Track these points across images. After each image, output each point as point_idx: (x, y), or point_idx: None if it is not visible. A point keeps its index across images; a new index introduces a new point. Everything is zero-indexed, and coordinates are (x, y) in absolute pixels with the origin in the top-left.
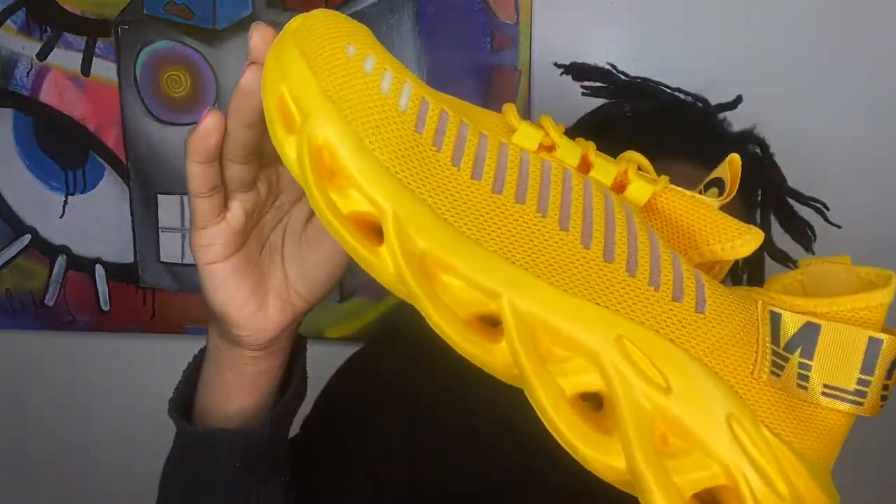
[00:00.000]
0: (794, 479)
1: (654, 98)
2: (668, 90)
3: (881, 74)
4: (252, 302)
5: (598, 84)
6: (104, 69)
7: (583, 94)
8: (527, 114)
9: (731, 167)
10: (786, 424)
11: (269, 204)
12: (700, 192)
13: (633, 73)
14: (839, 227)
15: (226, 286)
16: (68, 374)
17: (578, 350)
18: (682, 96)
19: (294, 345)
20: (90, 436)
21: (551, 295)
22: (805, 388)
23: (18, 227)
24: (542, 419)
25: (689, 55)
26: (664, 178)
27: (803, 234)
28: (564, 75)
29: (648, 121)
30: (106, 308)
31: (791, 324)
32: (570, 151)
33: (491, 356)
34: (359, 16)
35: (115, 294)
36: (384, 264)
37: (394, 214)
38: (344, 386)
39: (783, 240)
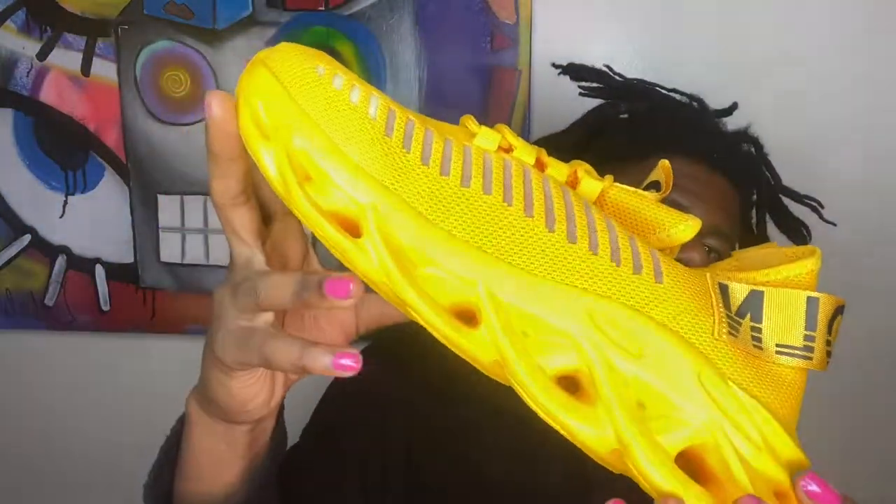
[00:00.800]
0: (765, 429)
1: (650, 99)
2: (664, 91)
3: (878, 74)
4: (264, 392)
5: (594, 85)
6: (104, 69)
7: (580, 94)
8: (527, 113)
9: (663, 170)
10: (751, 380)
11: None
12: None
13: (632, 72)
14: (834, 224)
15: (253, 385)
16: (68, 374)
17: (552, 330)
18: (677, 97)
19: None
20: (90, 435)
21: (523, 280)
22: (760, 347)
23: (18, 226)
24: (528, 399)
25: (688, 54)
26: (609, 178)
27: (798, 233)
28: (563, 75)
29: (645, 120)
30: (106, 308)
31: (738, 292)
32: (527, 152)
33: (472, 343)
34: (359, 16)
35: (115, 294)
36: (366, 256)
37: (373, 208)
38: (341, 394)
39: (782, 241)
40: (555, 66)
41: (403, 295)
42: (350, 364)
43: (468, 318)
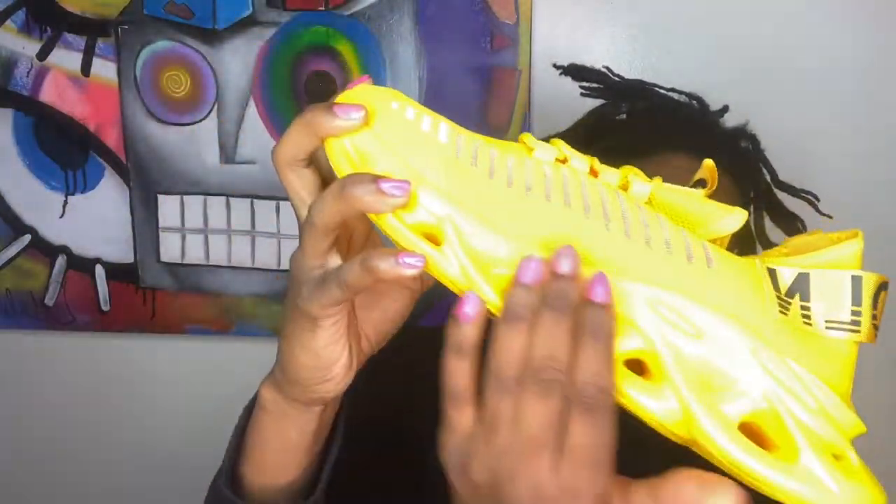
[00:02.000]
0: (820, 396)
1: (649, 98)
2: (663, 91)
3: (874, 72)
4: (345, 355)
5: (595, 85)
6: (104, 69)
7: (581, 94)
8: (527, 113)
9: (707, 169)
10: (803, 354)
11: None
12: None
13: (632, 72)
14: (830, 217)
15: (336, 343)
16: (68, 374)
17: (619, 318)
18: (676, 96)
19: None
20: (90, 435)
21: None
22: (810, 324)
23: (18, 226)
24: None
25: (688, 54)
26: (658, 179)
27: (793, 227)
28: (564, 76)
29: (646, 119)
30: (106, 308)
31: (786, 274)
32: (581, 162)
33: None
34: (359, 16)
35: (115, 294)
36: (448, 260)
37: (450, 220)
38: (352, 390)
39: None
40: (556, 66)
41: (483, 293)
42: (413, 262)
43: None
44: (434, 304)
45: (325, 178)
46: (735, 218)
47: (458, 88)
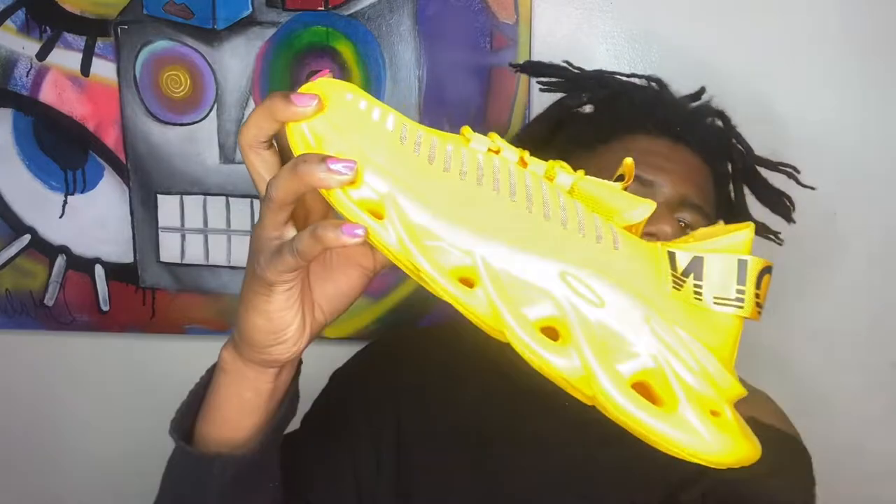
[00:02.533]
0: (702, 359)
1: (609, 87)
2: (624, 77)
3: (880, 67)
4: (297, 321)
5: (553, 79)
6: (104, 69)
7: (541, 90)
8: (527, 113)
9: (626, 166)
10: (691, 324)
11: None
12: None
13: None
14: (813, 188)
15: (289, 309)
16: (68, 375)
17: (533, 287)
18: (636, 81)
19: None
20: (90, 435)
21: (508, 250)
22: (700, 300)
23: (18, 226)
24: (515, 342)
25: (689, 54)
26: (581, 171)
27: (780, 204)
28: (519, 73)
29: (605, 107)
30: (105, 308)
31: (682, 258)
32: (511, 153)
33: (472, 299)
34: (359, 16)
35: (115, 294)
36: (387, 232)
37: (391, 197)
38: (339, 386)
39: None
40: (511, 65)
41: (416, 262)
42: (355, 232)
43: (467, 282)
44: (431, 310)
45: (284, 161)
46: (643, 209)
47: (457, 88)
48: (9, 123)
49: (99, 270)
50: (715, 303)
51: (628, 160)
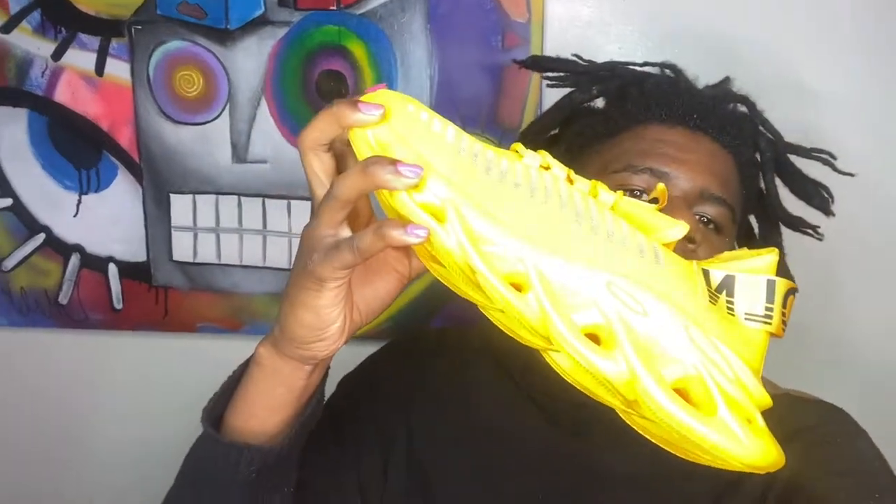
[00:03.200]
0: (736, 369)
1: (620, 77)
2: (636, 67)
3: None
4: (341, 319)
5: (561, 74)
6: (118, 69)
7: (548, 85)
8: (538, 111)
9: (660, 192)
10: (726, 336)
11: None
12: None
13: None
14: (852, 175)
15: (336, 306)
16: (81, 372)
17: (581, 296)
18: (649, 70)
19: None
20: (103, 432)
21: (559, 259)
22: (733, 314)
23: (33, 225)
24: (564, 346)
25: (702, 51)
26: (620, 192)
27: (816, 195)
28: (524, 69)
29: (615, 98)
30: (119, 306)
31: (716, 276)
32: (560, 170)
33: (523, 303)
34: (371, 15)
35: (128, 292)
36: (447, 235)
37: (452, 202)
38: (347, 393)
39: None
40: (515, 62)
41: (473, 264)
42: (418, 232)
43: (518, 287)
44: (441, 309)
45: (339, 166)
46: (677, 230)
47: (469, 87)
48: (24, 123)
49: (112, 269)
50: (746, 318)
51: (661, 186)
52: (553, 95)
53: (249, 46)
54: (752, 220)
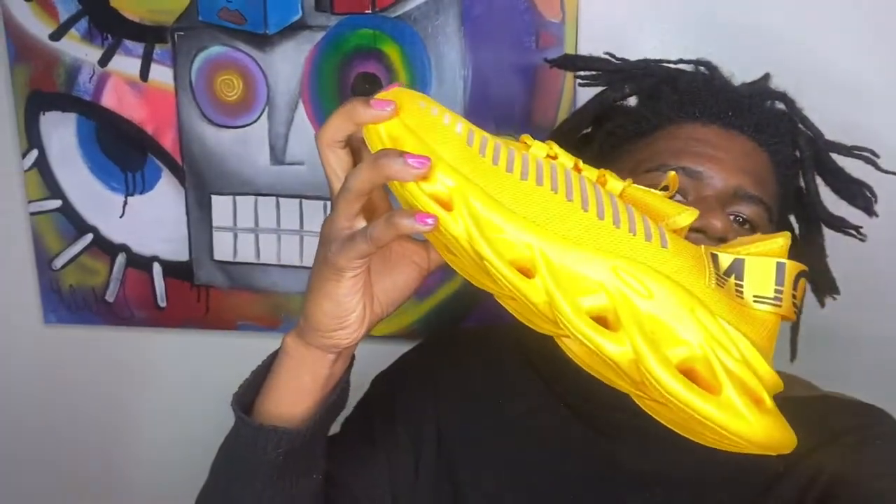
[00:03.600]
0: (743, 350)
1: (653, 75)
2: (670, 64)
3: None
4: (360, 308)
5: (592, 72)
6: (161, 74)
7: (579, 84)
8: (573, 111)
9: (670, 179)
10: (733, 317)
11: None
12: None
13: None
14: (895, 173)
15: (355, 294)
16: (127, 368)
17: (587, 279)
18: (684, 67)
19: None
20: (147, 427)
21: (565, 245)
22: (742, 297)
23: (81, 226)
24: (570, 327)
25: (740, 47)
26: (629, 180)
27: (858, 194)
28: (555, 68)
29: (648, 97)
30: (163, 304)
31: (725, 260)
32: (567, 159)
33: (529, 287)
34: (405, 17)
35: (171, 291)
36: (456, 222)
37: (459, 191)
38: (379, 391)
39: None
40: (547, 61)
41: (481, 250)
42: (427, 220)
43: (526, 272)
44: (473, 310)
45: (356, 161)
46: (685, 216)
47: (503, 88)
48: (73, 128)
49: (156, 268)
50: (755, 301)
51: (672, 174)
52: (587, 95)
53: (287, 51)
54: (793, 219)
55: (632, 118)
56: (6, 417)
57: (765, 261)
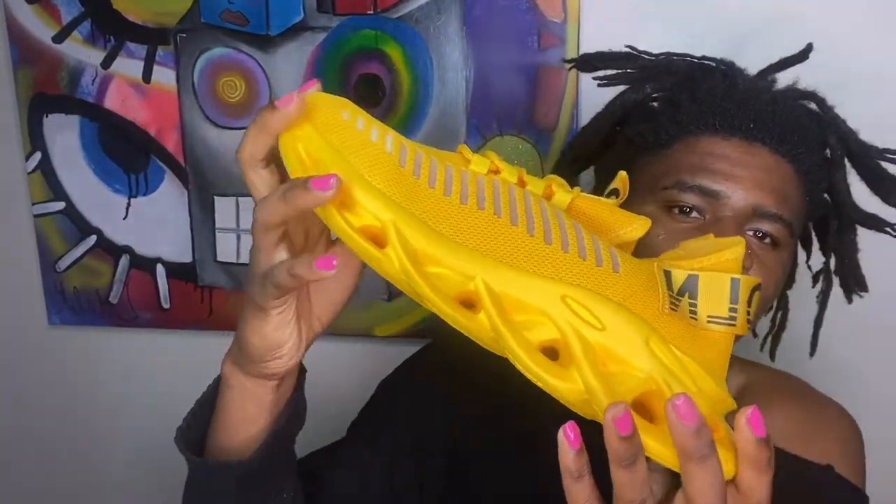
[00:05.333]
0: (696, 378)
1: (674, 73)
2: (693, 60)
3: None
4: (293, 338)
5: (611, 72)
6: (164, 76)
7: (598, 85)
8: (575, 112)
9: (620, 180)
10: (686, 344)
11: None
12: (605, 196)
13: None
14: None
15: (284, 328)
16: (131, 369)
17: (535, 311)
18: (708, 63)
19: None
20: (151, 429)
21: (510, 274)
22: (696, 318)
23: (85, 228)
24: (518, 365)
25: (743, 50)
26: (577, 189)
27: (893, 192)
28: (574, 70)
29: (667, 105)
30: (166, 305)
31: (678, 277)
32: (510, 173)
33: (474, 324)
34: (407, 18)
35: (175, 292)
36: (390, 261)
37: (393, 224)
38: (384, 395)
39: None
40: (565, 61)
41: (419, 289)
42: (326, 265)
43: (470, 305)
44: None
45: (283, 181)
46: (637, 226)
47: (505, 88)
48: (76, 130)
49: (160, 269)
50: (709, 321)
51: (622, 174)
52: (591, 96)
53: (289, 52)
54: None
55: (650, 128)
56: (11, 418)
57: (719, 277)
